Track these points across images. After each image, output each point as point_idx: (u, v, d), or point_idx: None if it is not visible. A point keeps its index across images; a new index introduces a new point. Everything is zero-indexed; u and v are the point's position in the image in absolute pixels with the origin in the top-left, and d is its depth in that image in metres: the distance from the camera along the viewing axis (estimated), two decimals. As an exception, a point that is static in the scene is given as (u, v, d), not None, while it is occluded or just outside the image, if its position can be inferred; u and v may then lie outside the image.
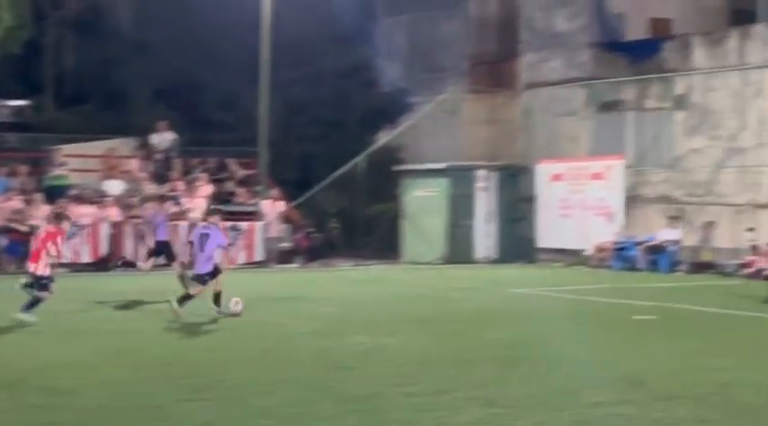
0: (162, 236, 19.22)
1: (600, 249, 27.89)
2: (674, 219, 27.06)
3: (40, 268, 14.88)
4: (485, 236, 30.28)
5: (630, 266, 26.89)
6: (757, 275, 23.81)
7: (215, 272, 15.71)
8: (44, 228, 15.65)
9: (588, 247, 28.18)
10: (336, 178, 30.13)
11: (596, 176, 28.68)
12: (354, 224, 30.79)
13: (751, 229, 25.69)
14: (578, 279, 24.51)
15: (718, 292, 20.40)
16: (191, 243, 16.22)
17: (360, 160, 30.93)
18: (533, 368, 11.57)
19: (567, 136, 30.77)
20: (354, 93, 34.56)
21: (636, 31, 31.40)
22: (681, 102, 28.09)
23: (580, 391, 10.20)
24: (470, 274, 25.50)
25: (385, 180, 31.29)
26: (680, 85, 28.14)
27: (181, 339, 13.71)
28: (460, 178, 30.21)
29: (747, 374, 11.21)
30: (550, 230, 29.81)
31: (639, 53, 29.38)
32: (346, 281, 20.07)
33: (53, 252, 14.94)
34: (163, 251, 19.12)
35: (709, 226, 26.23)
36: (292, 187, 30.61)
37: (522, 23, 32.83)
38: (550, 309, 17.77)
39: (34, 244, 15.29)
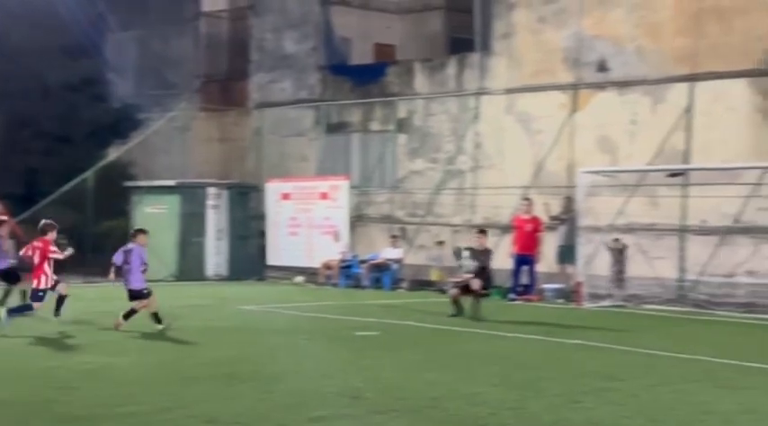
0: None
1: (327, 267, 28.38)
2: (396, 239, 27.89)
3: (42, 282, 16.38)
4: (215, 254, 30.19)
5: (355, 283, 27.49)
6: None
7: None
8: (32, 244, 16.71)
9: (317, 265, 28.59)
10: (64, 193, 29.29)
11: (323, 196, 29.17)
12: (83, 240, 29.95)
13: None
14: (305, 296, 24.83)
15: (437, 308, 21.16)
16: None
17: (88, 175, 30.20)
18: (257, 383, 11.66)
19: (296, 155, 31.20)
20: (83, 106, 33.63)
21: (361, 55, 32.26)
22: (403, 126, 29.04)
23: (302, 406, 10.39)
24: (200, 291, 25.37)
25: (115, 196, 30.64)
26: (402, 109, 29.09)
27: None
28: (191, 195, 30.01)
29: (461, 386, 11.72)
30: (279, 248, 30.10)
31: (364, 77, 30.20)
32: (75, 299, 19.56)
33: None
34: None
35: (440, 245, 27.17)
36: (17, 202, 29.47)
37: (252, 44, 33.07)
38: (277, 326, 17.93)
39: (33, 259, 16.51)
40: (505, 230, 25.56)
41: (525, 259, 23.76)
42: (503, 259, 23.82)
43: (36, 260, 16.54)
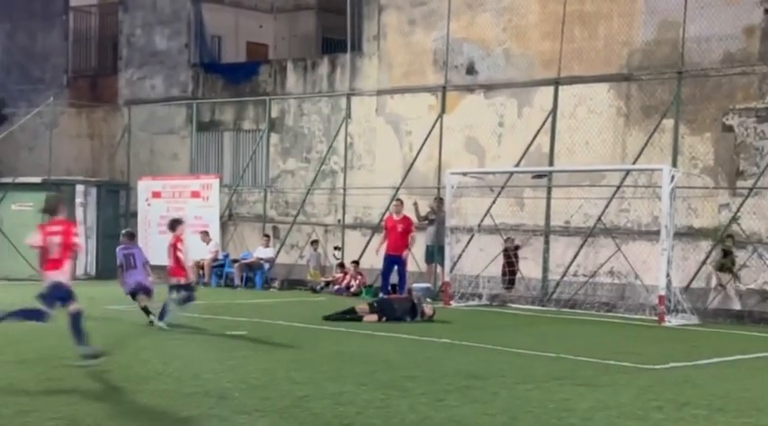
0: None
1: (198, 266, 28.06)
2: (268, 238, 27.80)
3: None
4: (84, 253, 29.59)
5: (227, 283, 27.31)
6: (343, 292, 25.05)
7: None
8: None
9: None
10: None
11: (194, 194, 28.89)
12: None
13: (338, 248, 26.93)
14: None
15: (306, 308, 21.16)
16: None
17: (-49, 171, 29.43)
18: (123, 384, 11.47)
19: (167, 153, 30.86)
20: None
21: (234, 53, 32.06)
22: (275, 125, 28.97)
23: (166, 406, 10.28)
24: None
25: (-23, 194, 29.88)
26: (275, 108, 29.01)
27: None
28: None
29: (327, 386, 11.75)
30: (150, 247, 29.59)
31: (237, 75, 30.04)
32: None
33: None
34: None
35: (315, 244, 27.13)
36: None
37: (122, 40, 32.57)
38: (144, 326, 17.68)
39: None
40: (376, 230, 25.72)
41: (395, 259, 23.94)
42: (372, 258, 23.94)
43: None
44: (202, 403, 10.54)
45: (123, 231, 20.00)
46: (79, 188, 29.95)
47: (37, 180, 29.45)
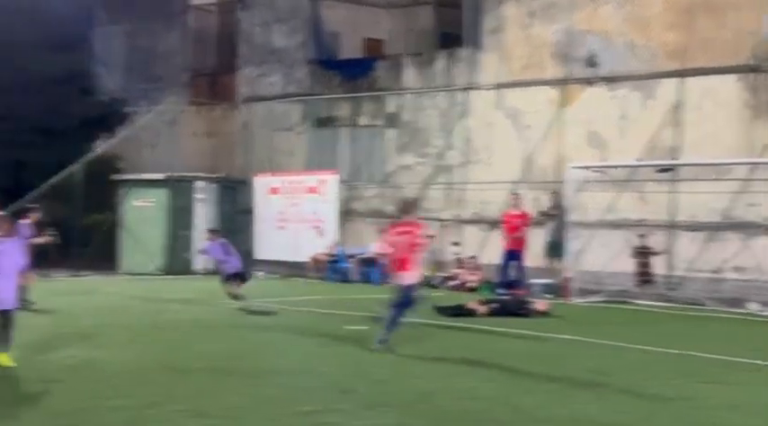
0: None
1: (315, 261, 28.24)
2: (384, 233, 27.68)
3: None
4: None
5: (344, 278, 27.38)
6: (461, 287, 24.89)
7: None
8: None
9: (305, 259, 28.44)
10: (51, 186, 29.07)
11: (311, 190, 29.04)
12: (70, 234, 29.77)
13: (456, 243, 26.75)
14: (294, 290, 24.65)
15: (426, 303, 21.05)
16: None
17: (76, 169, 30.03)
18: (245, 378, 11.56)
19: (283, 150, 31.04)
20: (71, 100, 33.47)
21: (351, 49, 32.10)
22: (392, 120, 28.90)
23: (291, 400, 10.29)
24: (188, 285, 25.23)
25: (102, 189, 30.47)
26: (391, 104, 28.94)
27: None
28: (179, 189, 29.87)
29: (450, 381, 11.63)
30: (267, 242, 29.97)
31: (353, 71, 30.03)
32: (61, 292, 19.46)
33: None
34: None
35: (431, 239, 27.00)
36: (4, 195, 29.29)
37: (240, 38, 32.89)
38: (266, 321, 17.78)
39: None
40: (494, 225, 25.47)
41: (513, 254, 23.62)
42: (491, 254, 23.67)
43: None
44: (325, 397, 10.51)
45: (208, 228, 21.59)
46: (199, 184, 30.38)
47: (159, 176, 29.95)
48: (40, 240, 18.56)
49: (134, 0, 34.66)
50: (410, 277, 13.45)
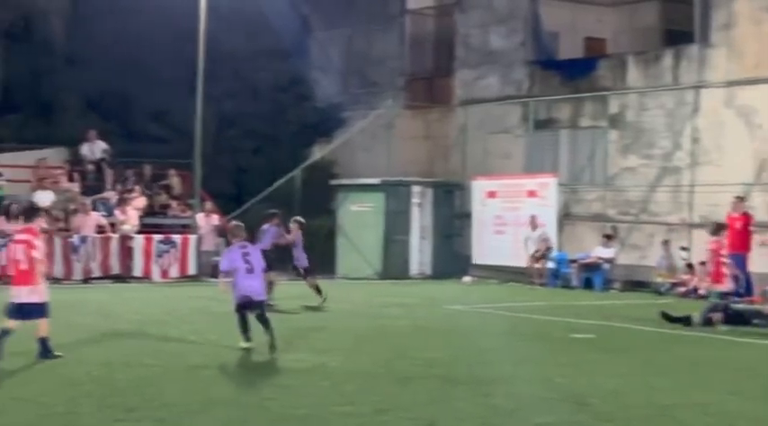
0: None
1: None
2: (609, 238, 27.00)
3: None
4: (419, 252, 30.05)
5: (564, 284, 26.82)
6: (691, 294, 23.92)
7: None
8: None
9: (523, 264, 27.99)
10: (272, 192, 29.69)
11: (531, 193, 28.57)
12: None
13: (684, 248, 25.75)
14: (514, 296, 24.35)
15: (653, 311, 20.33)
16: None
17: (295, 174, 30.56)
18: (473, 387, 11.26)
19: (499, 153, 30.68)
20: (289, 106, 34.22)
21: (570, 49, 31.44)
22: (615, 121, 28.12)
23: (521, 411, 9.95)
24: (405, 290, 25.20)
25: (320, 194, 30.91)
26: (614, 104, 28.16)
27: (103, 354, 13.16)
28: (395, 193, 29.93)
29: (690, 394, 11.04)
30: (485, 247, 29.67)
31: (574, 71, 29.40)
32: (283, 296, 19.77)
33: None
34: None
35: (667, 244, 26.15)
36: (226, 200, 30.15)
37: (457, 40, 32.75)
38: (487, 327, 17.50)
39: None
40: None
41: (736, 258, 22.38)
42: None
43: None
44: (560, 408, 10.11)
45: (268, 211, 21.10)
46: (415, 188, 30.38)
47: (375, 181, 30.12)
48: (283, 241, 19.96)
49: (351, 6, 35.07)
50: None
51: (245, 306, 13.78)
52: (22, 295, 12.31)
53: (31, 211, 13.61)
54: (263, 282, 14.24)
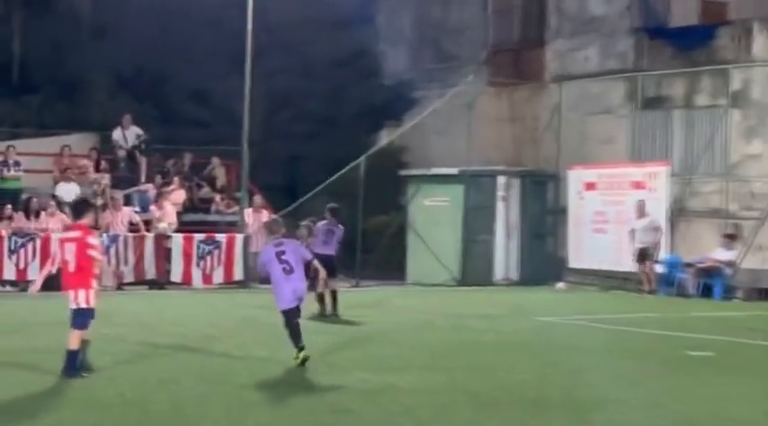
0: None
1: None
2: (730, 237, 26.77)
3: None
4: (505, 254, 30.02)
5: (678, 291, 26.71)
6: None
7: None
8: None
9: (628, 269, 27.82)
10: (330, 184, 29.74)
11: (637, 185, 28.41)
12: (351, 238, 30.37)
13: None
14: (617, 306, 24.31)
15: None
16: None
17: (358, 163, 30.60)
18: (571, 412, 11.27)
19: (600, 137, 30.62)
20: (351, 84, 34.32)
21: (685, 15, 31.18)
22: (738, 100, 27.89)
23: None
24: (489, 299, 25.26)
25: (387, 187, 31.00)
26: (737, 79, 27.94)
27: (136, 372, 13.26)
28: (477, 185, 29.98)
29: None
30: (583, 248, 29.54)
31: (689, 41, 29.26)
32: (343, 305, 19.85)
33: None
34: None
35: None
36: (277, 193, 30.28)
37: (550, 6, 32.69)
38: (585, 342, 17.45)
39: None
40: None
41: None
42: None
43: None
44: (673, 438, 10.01)
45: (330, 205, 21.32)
46: (500, 179, 30.35)
47: (453, 171, 30.10)
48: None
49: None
50: None
51: (293, 316, 13.92)
52: (80, 300, 12.61)
53: (81, 206, 13.79)
54: (304, 281, 14.16)
